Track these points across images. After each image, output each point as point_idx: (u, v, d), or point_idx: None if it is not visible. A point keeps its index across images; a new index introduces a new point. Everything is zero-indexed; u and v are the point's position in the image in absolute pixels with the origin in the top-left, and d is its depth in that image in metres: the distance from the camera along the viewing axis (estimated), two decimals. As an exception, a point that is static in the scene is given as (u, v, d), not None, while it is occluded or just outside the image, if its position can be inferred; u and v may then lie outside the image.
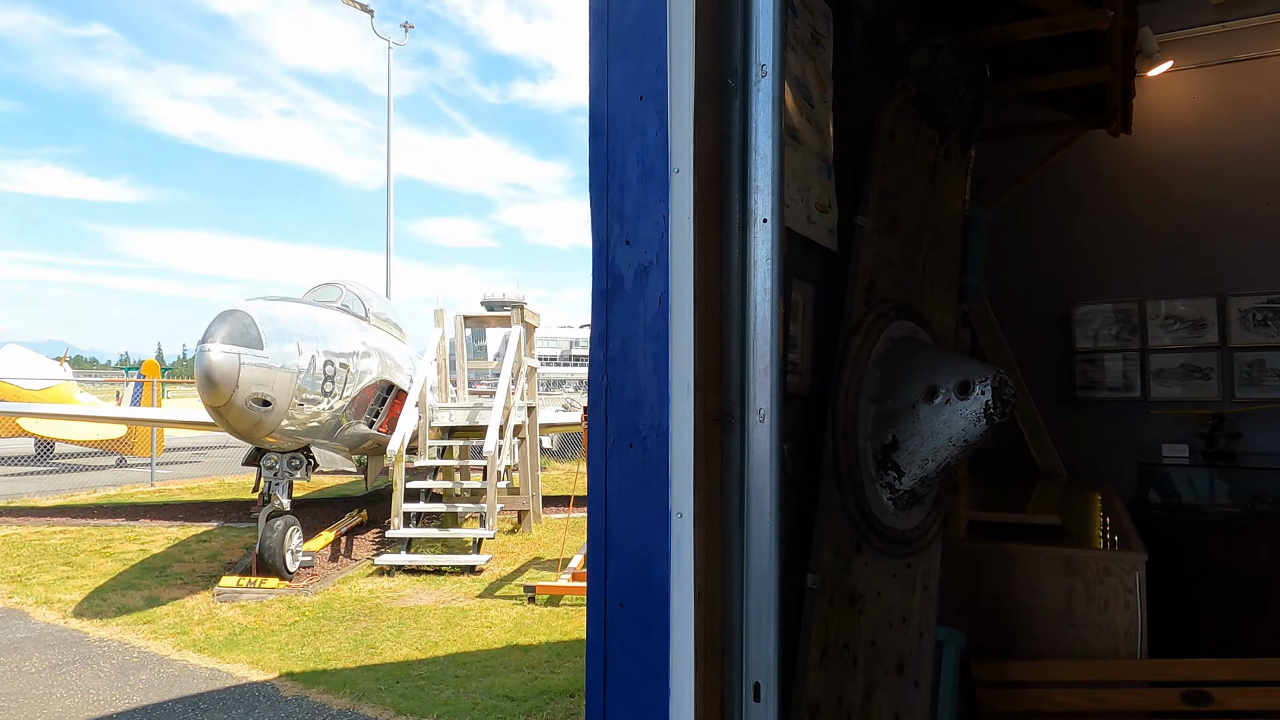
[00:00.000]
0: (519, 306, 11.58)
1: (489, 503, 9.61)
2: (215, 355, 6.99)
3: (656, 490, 1.97)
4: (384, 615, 7.57)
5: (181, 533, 11.62)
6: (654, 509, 1.97)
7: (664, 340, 1.97)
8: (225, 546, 10.61)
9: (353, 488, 17.01)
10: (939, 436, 2.38)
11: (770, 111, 1.96)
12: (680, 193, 1.96)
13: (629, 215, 2.03)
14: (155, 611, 7.57)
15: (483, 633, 7.04)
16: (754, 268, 1.97)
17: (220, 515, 13.14)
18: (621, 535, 2.02)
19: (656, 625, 1.97)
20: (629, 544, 2.01)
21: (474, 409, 11.09)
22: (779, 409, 1.94)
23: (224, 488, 16.98)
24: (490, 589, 8.51)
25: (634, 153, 2.04)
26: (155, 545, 10.70)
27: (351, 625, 7.25)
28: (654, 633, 1.97)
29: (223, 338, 7.08)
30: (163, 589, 8.40)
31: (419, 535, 9.64)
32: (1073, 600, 2.89)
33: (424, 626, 7.21)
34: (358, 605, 7.91)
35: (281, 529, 8.46)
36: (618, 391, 2.03)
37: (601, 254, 2.07)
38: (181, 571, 9.18)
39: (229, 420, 7.41)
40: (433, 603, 8.02)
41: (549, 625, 7.23)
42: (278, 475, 8.64)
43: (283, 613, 7.60)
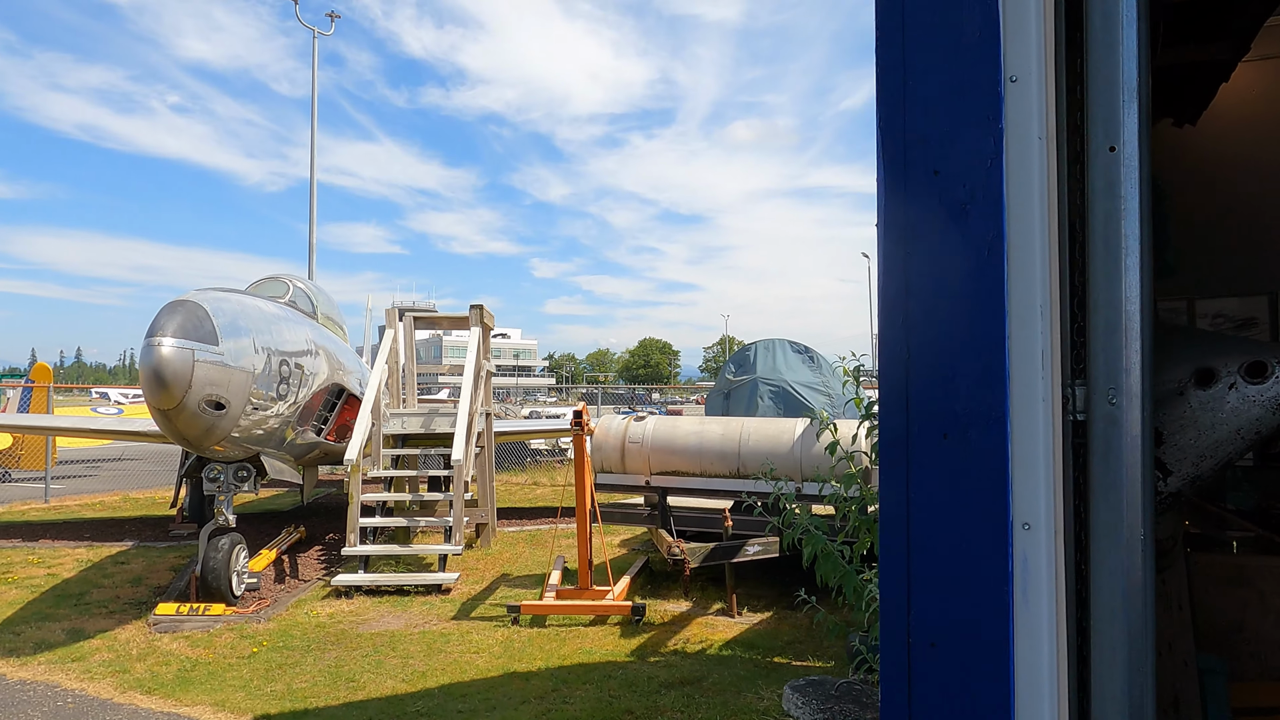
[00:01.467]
0: (478, 307, 10.89)
1: (455, 516, 8.89)
2: (166, 350, 6.11)
3: (988, 495, 1.50)
4: (353, 642, 6.79)
5: (92, 554, 10.40)
6: (984, 519, 1.50)
7: (997, 299, 1.51)
8: (148, 569, 9.51)
9: (275, 501, 15.80)
10: (1222, 428, 2.00)
11: (1136, 4, 1.53)
12: (1020, 108, 1.51)
13: (936, 138, 1.57)
14: (83, 646, 6.58)
15: (471, 659, 6.37)
16: (1124, 211, 1.52)
17: (134, 533, 11.89)
18: (932, 555, 1.54)
19: (989, 673, 1.49)
20: (944, 566, 1.53)
21: (429, 415, 10.34)
22: (1149, 388, 1.50)
23: (131, 503, 15.51)
24: (464, 610, 7.81)
25: (945, 55, 1.57)
26: (64, 569, 9.50)
27: (320, 655, 6.45)
28: (984, 683, 1.50)
29: (174, 331, 6.21)
30: (85, 619, 7.36)
31: (378, 552, 8.83)
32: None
33: (403, 654, 6.48)
34: (320, 632, 7.09)
35: (227, 548, 7.56)
36: (923, 367, 1.56)
37: (896, 188, 1.59)
38: (103, 598, 8.10)
39: (178, 425, 6.51)
40: (403, 626, 7.28)
41: (542, 649, 6.61)
42: (222, 488, 7.73)
43: (235, 643, 6.72)
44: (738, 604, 7.58)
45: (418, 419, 10.08)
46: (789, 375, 10.09)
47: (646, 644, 6.74)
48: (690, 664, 6.23)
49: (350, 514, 8.79)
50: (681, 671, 6.05)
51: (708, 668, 6.14)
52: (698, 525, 8.18)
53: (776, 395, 9.94)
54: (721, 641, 6.80)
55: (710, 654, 6.50)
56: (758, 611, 7.63)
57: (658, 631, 7.07)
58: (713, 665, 6.20)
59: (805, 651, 6.55)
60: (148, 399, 6.20)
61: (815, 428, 8.01)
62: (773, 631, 7.07)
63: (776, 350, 10.46)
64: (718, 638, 6.90)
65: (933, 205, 1.55)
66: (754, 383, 10.16)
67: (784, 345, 10.59)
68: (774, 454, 7.96)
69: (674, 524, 8.19)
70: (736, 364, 10.73)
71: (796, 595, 6.64)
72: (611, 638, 6.90)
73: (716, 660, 6.33)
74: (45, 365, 19.19)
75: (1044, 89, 1.48)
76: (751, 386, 10.15)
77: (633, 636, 6.93)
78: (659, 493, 8.37)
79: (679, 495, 8.42)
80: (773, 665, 6.24)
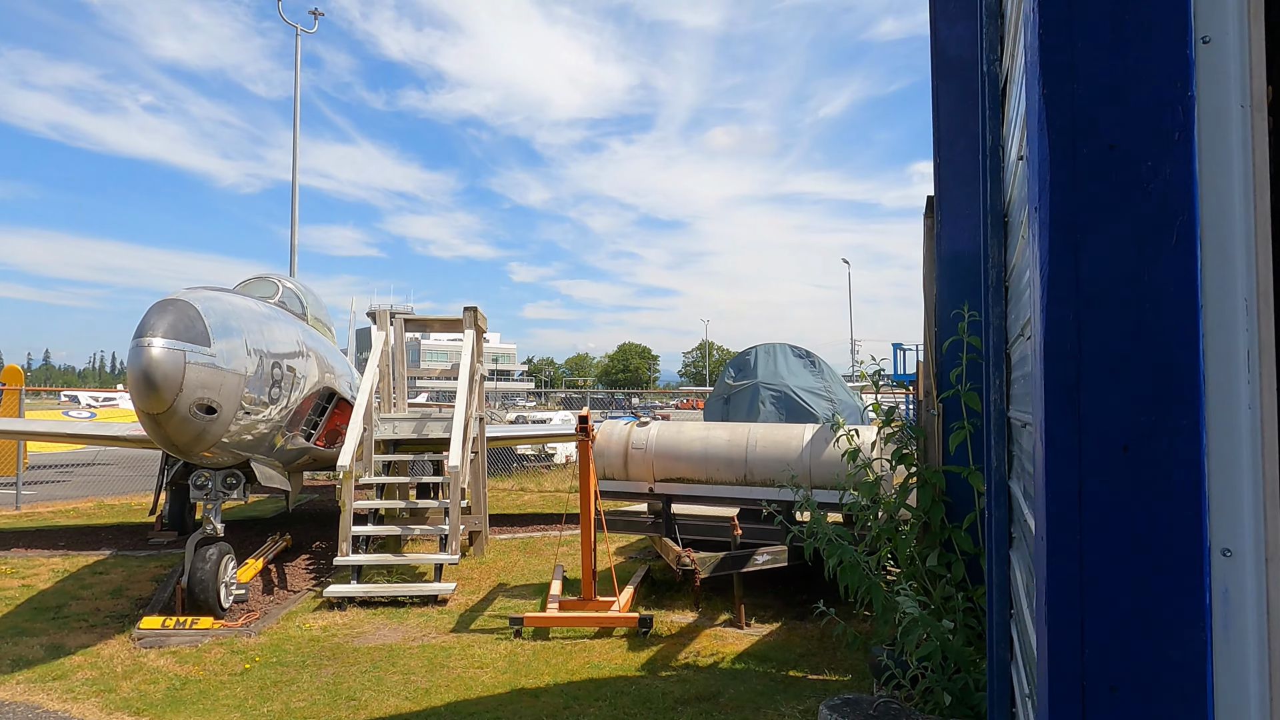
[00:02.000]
0: (472, 309, 10.62)
1: (451, 524, 8.61)
2: (156, 351, 5.81)
3: (1180, 516, 1.30)
4: (350, 657, 6.51)
5: (68, 564, 9.99)
6: (1175, 545, 1.31)
7: (1188, 292, 1.32)
8: (128, 579, 9.14)
9: (257, 508, 15.37)
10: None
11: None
12: (1214, 73, 1.32)
13: (1112, 108, 1.38)
14: (64, 663, 6.24)
15: (476, 675, 6.11)
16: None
17: (111, 542, 11.48)
18: (1111, 586, 1.34)
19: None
20: (1126, 599, 1.34)
21: (421, 420, 10.05)
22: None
23: (106, 510, 15.04)
24: (463, 622, 7.54)
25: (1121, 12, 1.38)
26: (40, 580, 9.11)
27: (316, 671, 6.16)
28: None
29: (165, 331, 5.90)
30: (65, 634, 7.01)
31: (371, 562, 8.53)
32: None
33: (404, 670, 6.21)
34: (314, 646, 6.80)
35: (215, 559, 7.24)
36: (1099, 371, 1.36)
37: (1063, 168, 1.40)
38: (82, 611, 7.74)
39: (168, 430, 6.19)
40: (401, 640, 7.00)
41: (549, 663, 6.37)
42: (210, 495, 7.40)
43: (226, 659, 6.41)
44: (745, 614, 7.38)
45: (409, 424, 9.79)
46: (791, 380, 9.92)
47: (656, 657, 6.51)
48: (704, 679, 6.02)
49: (343, 522, 8.48)
50: (696, 687, 5.84)
51: (722, 682, 5.93)
52: (703, 533, 7.97)
53: (779, 400, 9.77)
54: (733, 654, 6.59)
55: (723, 668, 6.29)
56: (765, 622, 7.44)
57: (666, 644, 6.85)
58: (727, 680, 5.99)
59: (820, 664, 6.35)
60: (136, 403, 5.88)
61: (825, 433, 7.84)
62: (784, 643, 6.87)
63: (778, 355, 10.29)
64: (729, 650, 6.69)
65: (1108, 187, 1.36)
66: (755, 388, 9.97)
67: (785, 350, 10.42)
68: (783, 460, 7.77)
69: (679, 532, 7.97)
70: (736, 369, 10.54)
71: (813, 607, 6.43)
72: (619, 651, 6.67)
73: (730, 674, 6.12)
74: (16, 367, 18.59)
75: (1245, 51, 1.30)
76: (753, 391, 9.96)
77: (641, 649, 6.70)
78: (663, 500, 8.15)
79: (683, 503, 8.21)
80: (789, 679, 6.05)
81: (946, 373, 5.84)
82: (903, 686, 4.88)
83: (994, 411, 3.30)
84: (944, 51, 5.53)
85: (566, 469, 20.69)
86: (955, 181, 5.70)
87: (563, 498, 17.00)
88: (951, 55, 5.52)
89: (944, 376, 5.88)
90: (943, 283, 5.87)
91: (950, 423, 5.67)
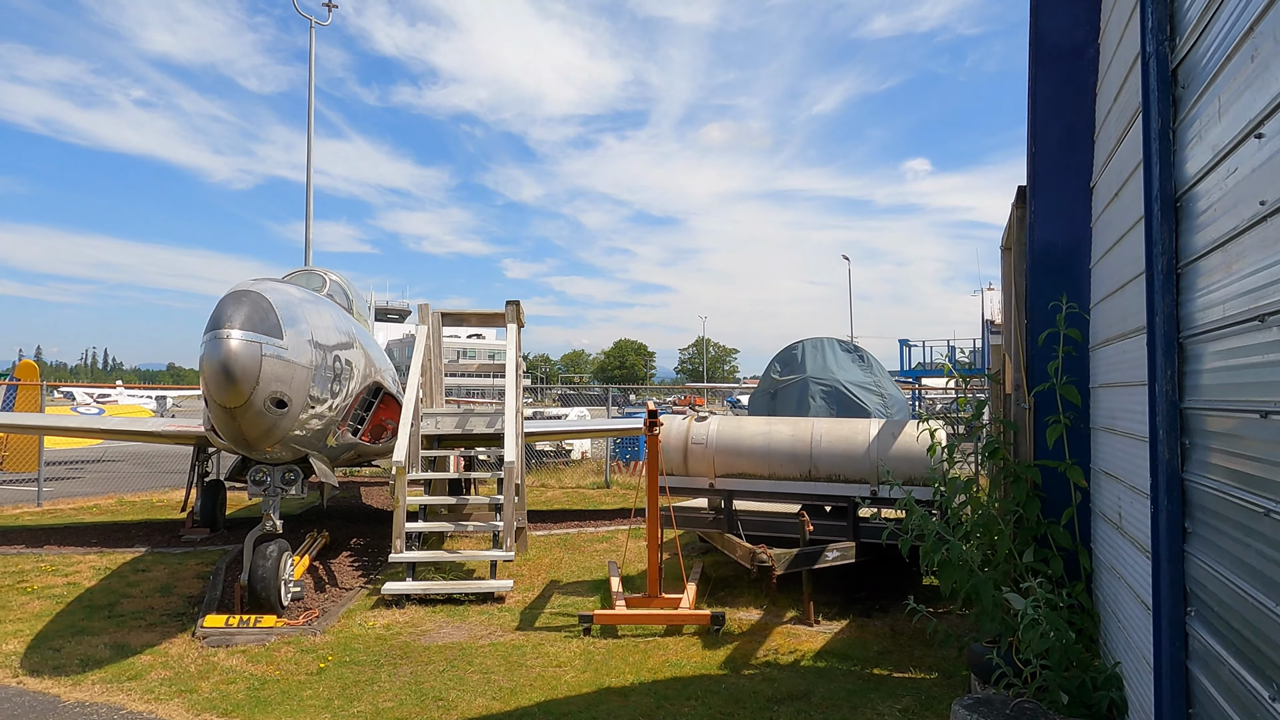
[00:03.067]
0: (515, 304, 10.49)
1: (506, 521, 8.49)
2: (235, 344, 5.66)
3: None
4: (422, 656, 6.39)
5: (106, 561, 9.84)
6: None
7: None
8: (173, 576, 9.00)
9: (282, 505, 15.17)
10: None
11: None
12: None
13: None
14: (134, 663, 6.10)
15: (557, 674, 6.00)
16: None
17: (143, 539, 11.32)
18: None
19: None
20: None
21: (463, 415, 9.92)
22: None
23: (128, 506, 14.86)
24: (526, 619, 7.43)
25: None
26: (83, 577, 8.96)
27: (393, 670, 6.04)
28: None
29: (241, 322, 5.76)
30: (125, 633, 6.87)
31: (426, 559, 8.41)
32: None
33: (481, 669, 6.10)
34: (382, 645, 6.67)
35: (276, 556, 7.11)
36: None
37: None
38: (136, 609, 7.60)
39: (242, 424, 6.05)
40: (468, 638, 6.89)
41: (626, 662, 6.26)
42: (269, 491, 7.26)
43: (297, 658, 6.28)
44: (814, 611, 7.28)
45: (451, 419, 9.66)
46: (841, 375, 9.81)
47: (735, 655, 6.42)
48: (789, 677, 5.92)
49: (396, 519, 8.34)
50: (784, 686, 5.74)
51: (809, 681, 5.84)
52: (766, 529, 7.87)
53: (829, 395, 9.66)
54: (810, 652, 6.50)
55: (805, 666, 6.19)
56: (833, 619, 7.35)
57: (740, 642, 6.75)
58: (813, 678, 5.90)
59: (902, 662, 6.26)
60: (212, 396, 5.73)
61: (892, 427, 7.75)
62: (857, 641, 6.78)
63: (825, 349, 10.18)
64: (805, 648, 6.60)
65: None
66: (804, 382, 9.86)
67: (833, 344, 10.32)
68: (848, 456, 7.69)
69: (741, 528, 7.87)
70: (782, 363, 10.42)
71: (878, 604, 6.32)
72: (695, 649, 6.57)
73: (815, 673, 6.02)
74: (31, 363, 18.39)
75: None
76: (801, 386, 9.85)
77: (715, 647, 6.60)
78: (724, 496, 8.05)
79: (745, 499, 8.11)
80: (875, 678, 5.95)
81: (1039, 366, 5.75)
82: (1014, 685, 4.79)
83: (1164, 403, 3.21)
84: (1044, 39, 5.42)
85: (583, 465, 20.59)
86: (1051, 170, 5.60)
87: (586, 493, 16.89)
88: (1052, 42, 5.42)
89: (1035, 370, 5.79)
90: (1035, 274, 5.77)
91: (1044, 416, 5.58)
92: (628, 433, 16.39)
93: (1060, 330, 5.39)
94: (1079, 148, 5.50)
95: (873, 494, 7.63)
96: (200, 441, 12.20)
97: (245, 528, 12.13)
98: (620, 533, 11.73)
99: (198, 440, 12.13)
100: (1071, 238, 5.65)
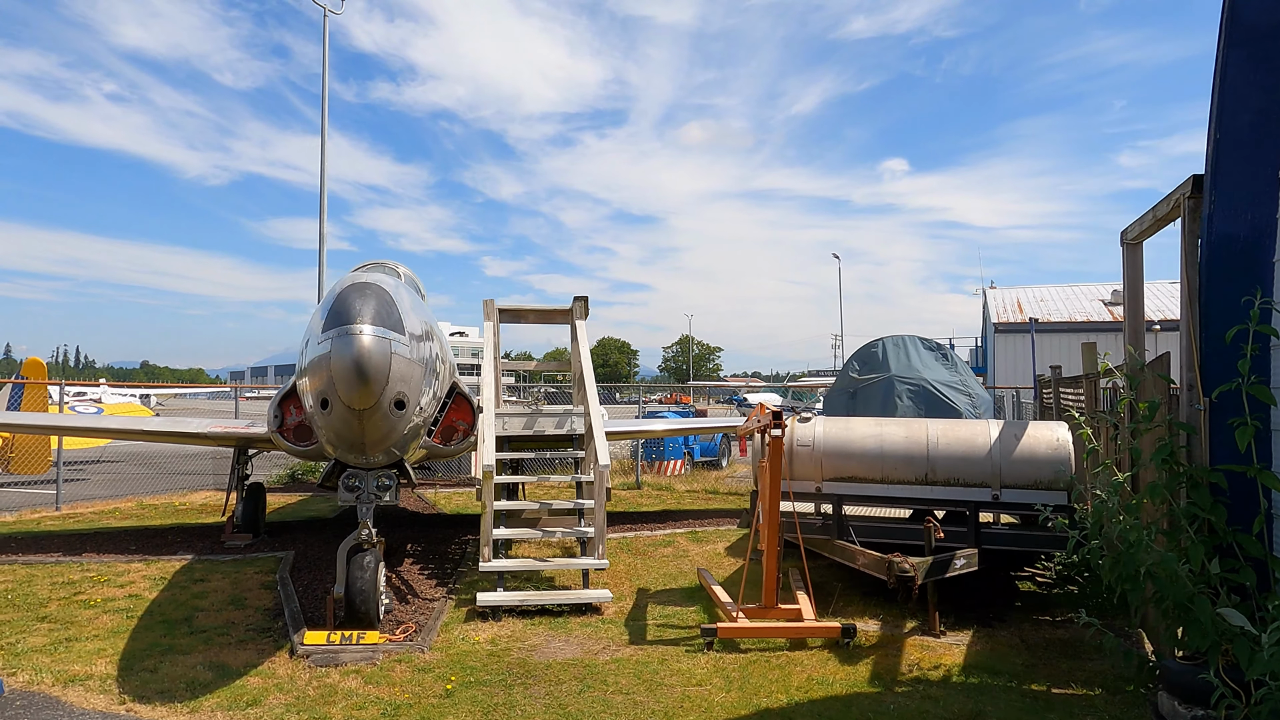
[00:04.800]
0: (583, 299, 10.08)
1: (598, 528, 8.08)
2: (368, 341, 5.22)
3: None
4: (548, 674, 5.97)
5: (154, 569, 9.33)
6: None
7: None
8: (237, 587, 8.50)
9: (309, 508, 14.65)
10: None
11: None
12: None
13: None
14: (243, 686, 5.63)
15: (703, 694, 5.61)
16: None
17: (181, 545, 10.78)
18: None
19: None
20: None
21: (532, 416, 9.49)
22: None
23: (150, 510, 14.26)
24: (634, 633, 7.03)
25: None
26: (139, 588, 8.45)
27: (525, 692, 5.62)
28: None
29: (371, 318, 5.31)
30: (216, 651, 6.39)
31: (519, 568, 7.98)
32: None
33: (619, 689, 5.69)
34: (496, 662, 6.25)
35: (373, 568, 6.67)
36: None
37: None
38: (215, 624, 7.11)
39: (367, 427, 5.60)
40: (583, 654, 6.48)
41: (771, 680, 5.88)
42: (363, 498, 6.79)
43: (417, 678, 5.84)
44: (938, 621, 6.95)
45: (519, 420, 9.23)
46: (927, 374, 9.51)
47: (878, 671, 6.07)
48: (950, 695, 5.58)
49: (484, 525, 7.91)
50: (951, 705, 5.40)
51: (974, 699, 5.50)
52: (877, 535, 7.53)
53: (916, 395, 9.35)
54: (954, 666, 6.17)
55: (957, 682, 5.86)
56: (955, 629, 7.02)
57: (875, 655, 6.41)
58: (977, 696, 5.56)
59: (1055, 677, 5.95)
60: (340, 397, 5.26)
61: (1014, 428, 7.44)
62: (994, 653, 6.47)
63: (908, 347, 9.87)
64: (945, 661, 6.27)
65: None
66: (889, 381, 9.54)
67: (915, 342, 10.01)
68: (968, 458, 7.37)
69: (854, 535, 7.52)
70: (861, 362, 10.10)
71: (1075, 617, 5.95)
72: (832, 664, 6.21)
73: (973, 690, 5.69)
74: (39, 361, 17.65)
75: None
76: (886, 385, 9.53)
77: (852, 662, 6.25)
78: (834, 500, 7.69)
79: (854, 504, 7.76)
80: (1036, 694, 5.63)
81: (1215, 364, 5.45)
82: (1235, 706, 4.49)
83: None
84: (1240, 16, 5.12)
85: (606, 466, 20.13)
86: (1236, 158, 5.30)
87: (620, 495, 16.45)
88: (1249, 20, 5.11)
89: (1212, 368, 5.49)
90: (1212, 267, 5.47)
91: (1227, 418, 5.28)
92: (715, 430, 16.40)
93: (1251, 327, 5.08)
94: (1270, 135, 5.20)
95: (994, 498, 7.32)
96: (242, 443, 11.67)
97: (284, 533, 11.63)
98: (679, 536, 11.36)
99: (240, 442, 11.60)
100: (1255, 229, 5.35)
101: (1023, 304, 35.96)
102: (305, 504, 15.30)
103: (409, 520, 13.34)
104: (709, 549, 10.76)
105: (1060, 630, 7.10)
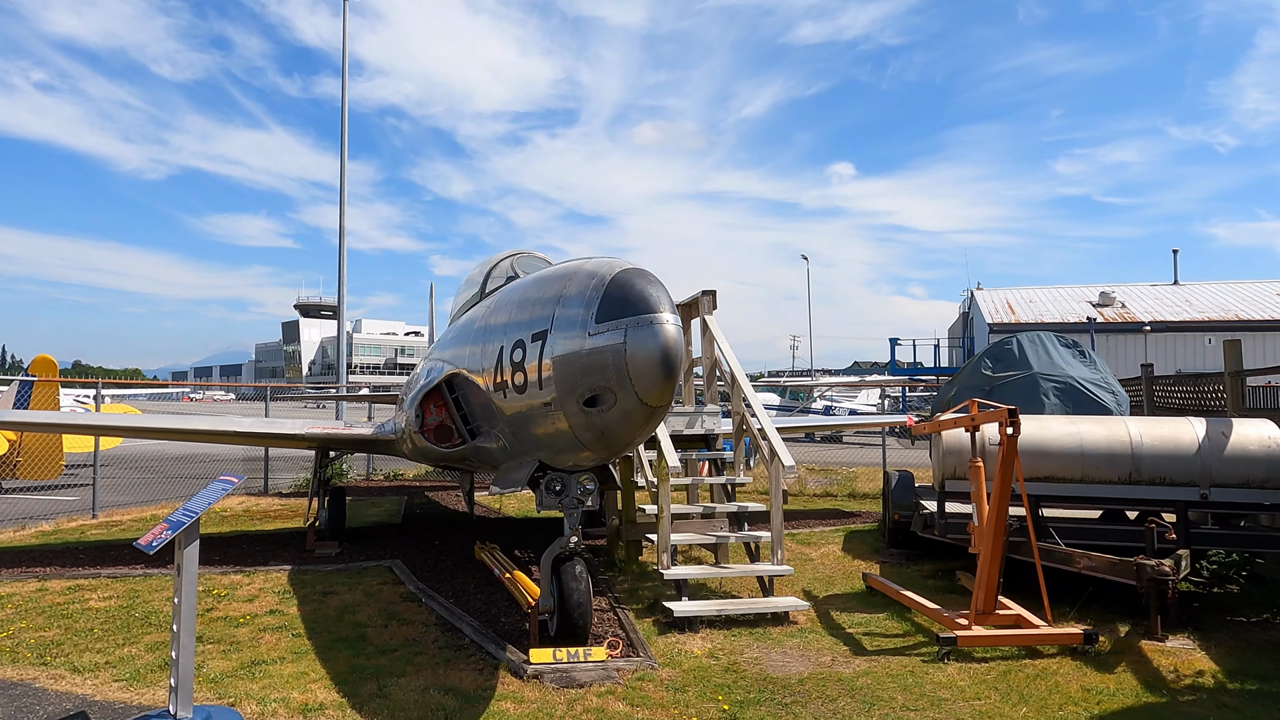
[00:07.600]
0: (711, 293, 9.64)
1: (775, 531, 7.68)
2: (674, 330, 4.73)
3: None
4: (802, 691, 5.54)
5: (261, 581, 8.63)
6: None
7: None
8: (374, 600, 7.88)
9: (367, 513, 13.83)
10: None
11: None
12: None
13: None
14: (501, 713, 5.07)
15: (986, 709, 5.26)
16: None
17: (268, 555, 10.04)
18: None
19: None
20: None
21: (694, 414, 9.01)
22: None
23: (194, 517, 13.27)
24: (850, 642, 6.65)
25: None
26: (270, 603, 7.78)
27: (802, 710, 5.19)
28: None
29: (668, 306, 4.82)
30: (428, 672, 5.79)
31: (702, 575, 7.52)
32: None
33: (894, 706, 5.29)
34: (737, 678, 5.79)
35: (587, 579, 6.16)
36: None
37: None
38: (394, 641, 6.51)
39: (649, 427, 5.09)
40: (814, 667, 6.06)
41: (1049, 691, 5.56)
42: (568, 504, 6.26)
43: (676, 698, 5.35)
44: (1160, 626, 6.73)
45: (682, 418, 8.77)
46: (1071, 371, 9.33)
47: (1146, 679, 5.80)
48: (1245, 704, 5.35)
49: (660, 530, 7.44)
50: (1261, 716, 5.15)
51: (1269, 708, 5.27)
52: (1077, 538, 7.29)
53: (1063, 393, 9.16)
54: (1212, 671, 5.96)
55: (1234, 689, 5.64)
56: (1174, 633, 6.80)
57: (1125, 662, 6.14)
58: (1270, 704, 5.33)
59: (1327, 682, 5.75)
60: (639, 393, 4.74)
61: (1220, 425, 7.28)
62: (1239, 657, 6.29)
63: (1046, 344, 9.69)
64: (1200, 667, 6.06)
65: None
66: (1031, 379, 9.34)
67: (1052, 339, 9.83)
68: (1176, 456, 7.18)
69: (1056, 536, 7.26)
70: (994, 359, 9.89)
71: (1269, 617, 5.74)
72: (1091, 672, 5.92)
73: (1260, 697, 5.46)
74: (49, 358, 16.47)
75: None
76: (1029, 383, 9.32)
77: (1110, 669, 5.98)
78: (1031, 501, 7.42)
79: (1051, 504, 7.51)
80: (1327, 701, 5.42)
81: None
82: None
83: None
84: None
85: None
86: None
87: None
88: None
89: None
90: None
91: None
92: (894, 424, 17.02)
93: None
94: None
95: (1203, 497, 7.14)
96: (324, 445, 10.95)
97: (361, 540, 10.91)
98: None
99: (321, 443, 10.88)
100: None
101: (1013, 305, 36.63)
102: (368, 509, 14.49)
103: (491, 526, 12.72)
104: (825, 551, 10.45)
105: (1273, 632, 6.96)
